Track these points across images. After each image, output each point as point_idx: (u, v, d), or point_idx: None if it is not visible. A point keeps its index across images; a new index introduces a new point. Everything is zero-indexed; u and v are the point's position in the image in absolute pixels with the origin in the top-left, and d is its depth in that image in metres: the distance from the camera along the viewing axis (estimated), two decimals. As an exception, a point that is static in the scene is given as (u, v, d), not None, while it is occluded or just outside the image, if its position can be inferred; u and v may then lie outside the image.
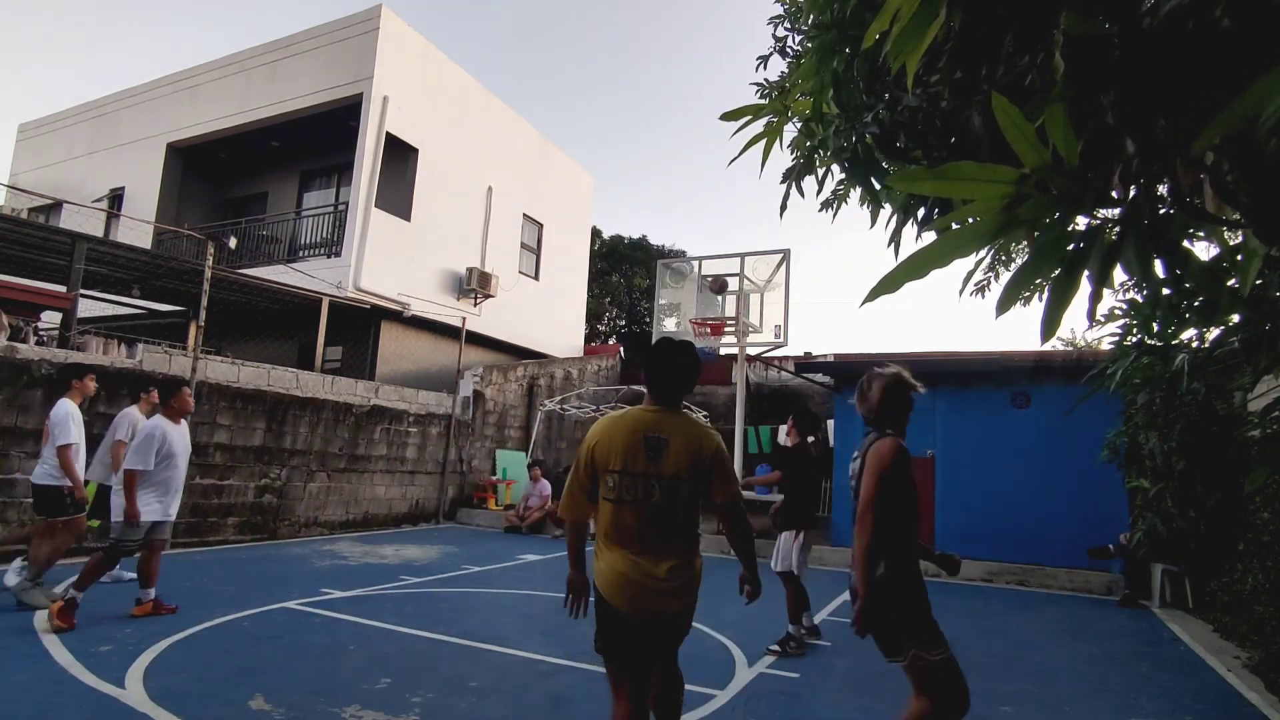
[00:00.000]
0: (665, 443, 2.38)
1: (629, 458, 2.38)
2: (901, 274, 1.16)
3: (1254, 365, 2.11)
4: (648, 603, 2.34)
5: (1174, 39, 1.25)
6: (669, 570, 2.34)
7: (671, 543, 2.39)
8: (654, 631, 2.39)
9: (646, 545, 2.36)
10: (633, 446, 2.39)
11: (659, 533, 2.38)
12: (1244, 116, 0.95)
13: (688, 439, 2.43)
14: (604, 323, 27.65)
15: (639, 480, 2.37)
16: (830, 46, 2.09)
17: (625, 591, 2.34)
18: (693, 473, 2.39)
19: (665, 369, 2.53)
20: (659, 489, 2.36)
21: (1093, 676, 4.84)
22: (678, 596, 2.39)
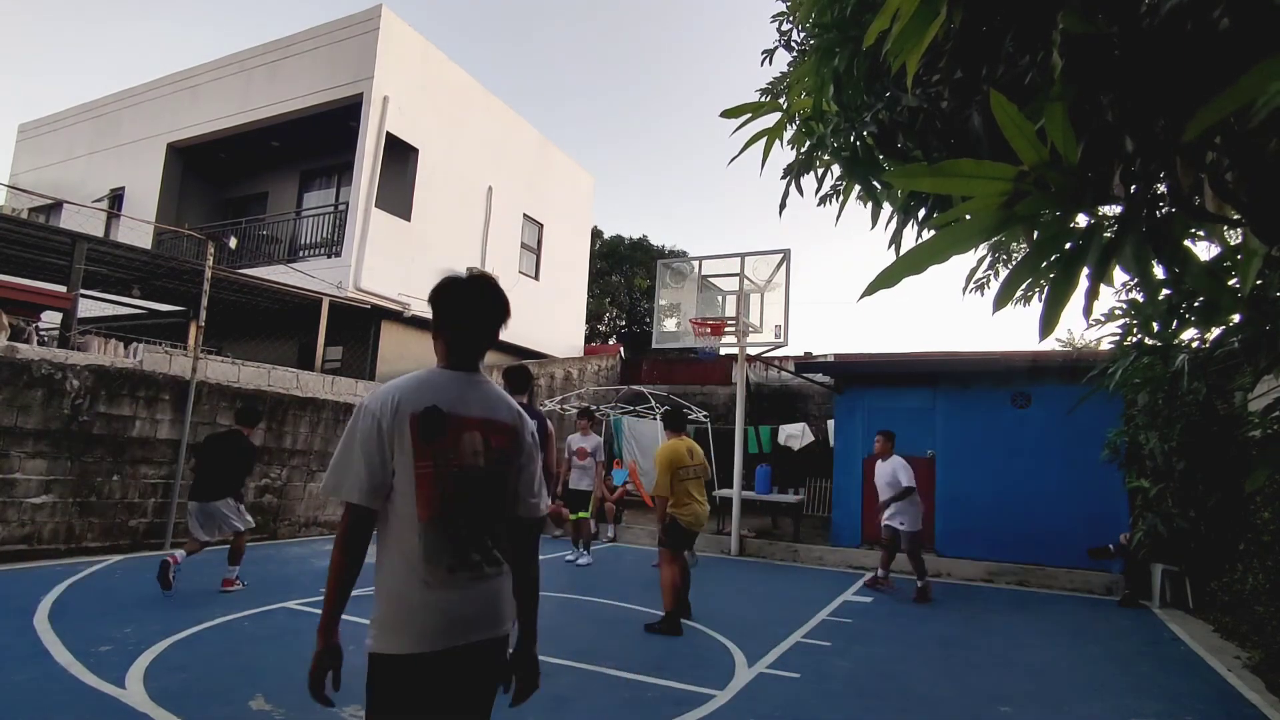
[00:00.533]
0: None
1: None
2: (900, 269, 1.16)
3: (1254, 365, 2.11)
4: None
5: (1173, 39, 1.25)
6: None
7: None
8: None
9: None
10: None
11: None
12: (1236, 104, 0.95)
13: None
14: (604, 323, 27.65)
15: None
16: (831, 46, 2.09)
17: None
18: None
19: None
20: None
21: (1093, 676, 4.83)
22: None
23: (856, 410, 10.21)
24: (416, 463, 1.68)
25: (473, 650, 1.72)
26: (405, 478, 1.68)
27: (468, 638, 1.70)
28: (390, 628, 1.68)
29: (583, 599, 6.50)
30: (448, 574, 1.68)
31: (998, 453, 9.19)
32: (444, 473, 1.70)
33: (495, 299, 1.92)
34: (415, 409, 1.70)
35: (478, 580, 1.74)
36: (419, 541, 1.67)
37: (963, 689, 4.39)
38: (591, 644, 4.94)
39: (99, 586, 5.89)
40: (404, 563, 1.68)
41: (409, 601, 1.67)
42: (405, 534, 1.68)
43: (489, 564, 1.77)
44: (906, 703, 4.09)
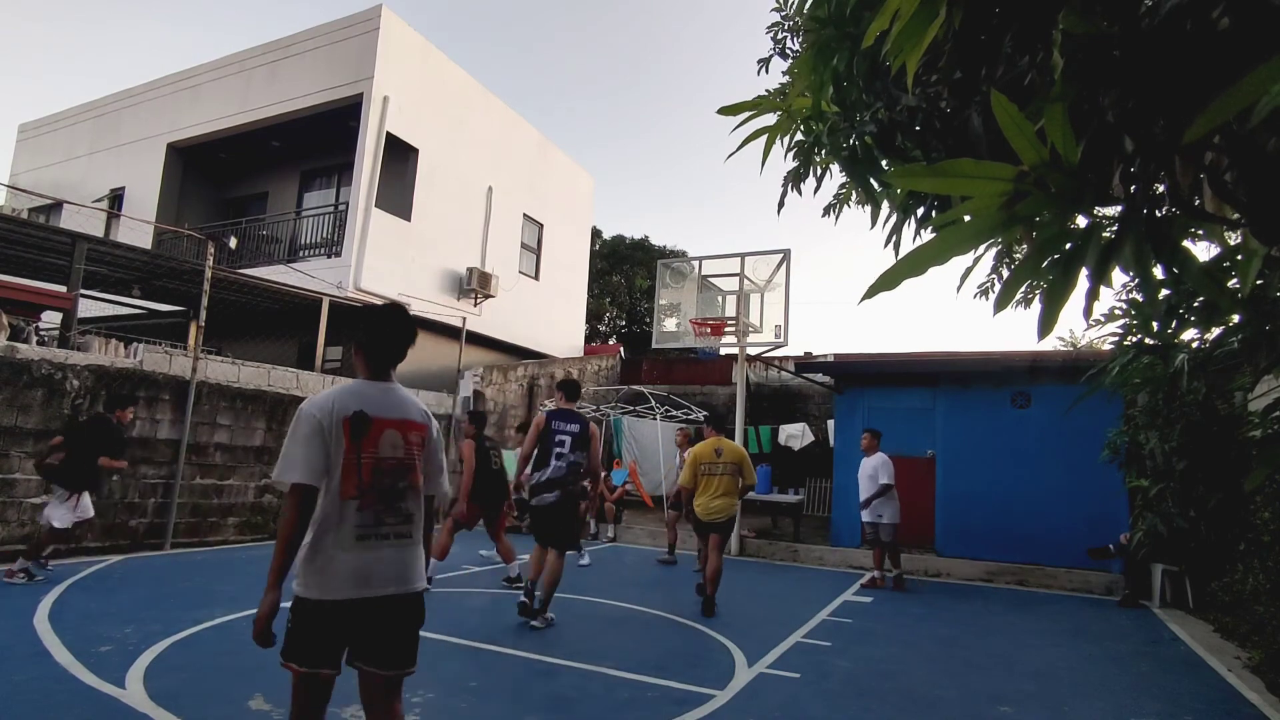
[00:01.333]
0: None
1: None
2: (900, 271, 1.16)
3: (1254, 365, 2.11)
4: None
5: (1173, 39, 1.25)
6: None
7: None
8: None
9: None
10: None
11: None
12: (1237, 106, 0.95)
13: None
14: (604, 323, 27.66)
15: None
16: (827, 43, 2.09)
17: None
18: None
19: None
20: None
21: (1093, 676, 4.83)
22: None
23: (856, 410, 10.20)
24: (346, 454, 2.18)
25: (379, 602, 2.18)
26: (337, 465, 2.17)
27: (373, 591, 2.17)
28: (314, 577, 2.15)
29: (583, 599, 6.51)
30: (357, 541, 2.17)
31: (998, 453, 9.19)
32: (366, 461, 2.20)
33: (405, 325, 2.39)
34: (347, 413, 2.20)
35: (387, 545, 2.22)
36: (340, 514, 2.16)
37: (963, 689, 4.39)
38: (591, 644, 4.94)
39: (99, 586, 5.89)
40: (328, 530, 2.15)
41: (330, 559, 2.14)
42: (332, 508, 2.16)
43: (397, 535, 2.25)
44: (906, 703, 4.09)
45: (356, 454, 2.18)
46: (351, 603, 2.14)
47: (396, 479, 2.25)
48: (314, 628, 2.15)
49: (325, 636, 2.16)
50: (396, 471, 2.25)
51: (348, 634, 2.19)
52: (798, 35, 2.99)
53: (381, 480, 2.22)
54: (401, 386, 2.41)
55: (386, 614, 2.20)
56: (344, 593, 2.13)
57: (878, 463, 7.90)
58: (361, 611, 2.16)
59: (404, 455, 2.27)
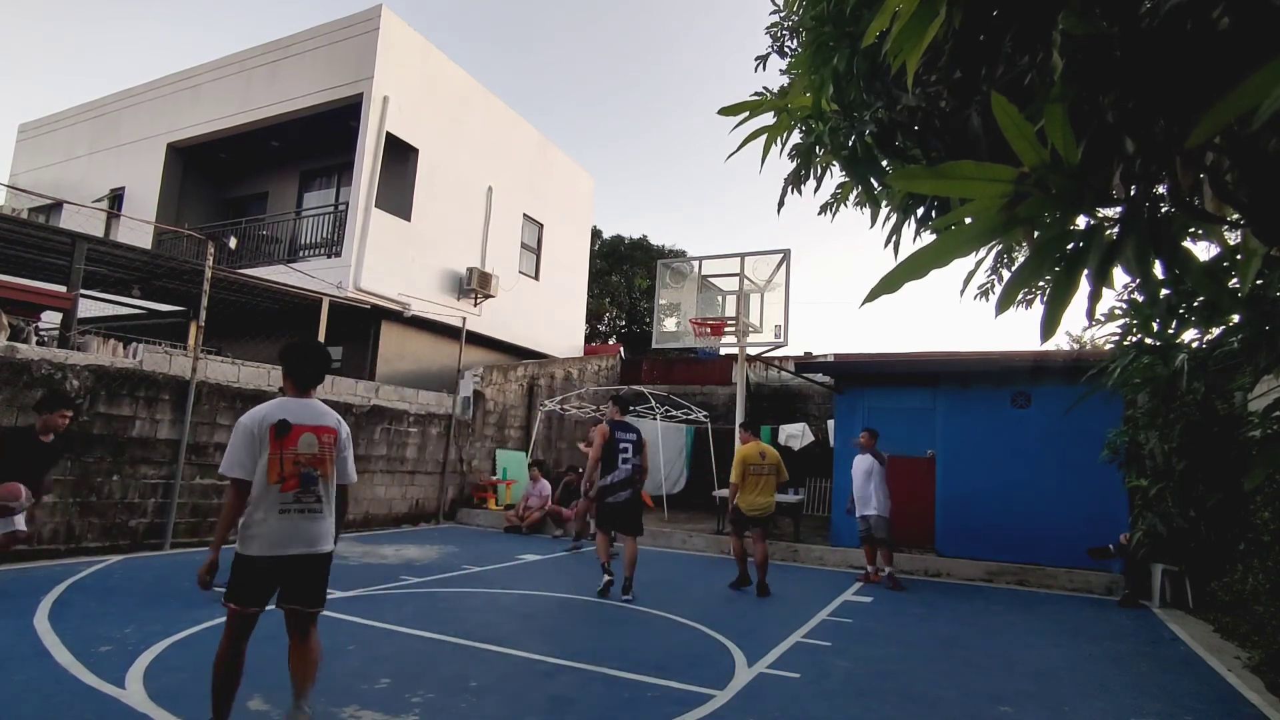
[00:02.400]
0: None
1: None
2: (901, 274, 1.16)
3: (1254, 365, 2.11)
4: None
5: (1173, 39, 1.25)
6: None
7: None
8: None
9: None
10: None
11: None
12: (1239, 110, 0.95)
13: None
14: (604, 323, 27.65)
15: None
16: (826, 41, 2.09)
17: None
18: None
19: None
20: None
21: (1093, 676, 4.83)
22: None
23: (856, 410, 10.20)
24: (270, 451, 2.98)
25: (295, 559, 3.01)
26: (264, 459, 2.97)
27: (290, 550, 3.00)
28: (248, 540, 2.98)
29: (583, 599, 6.51)
30: (280, 514, 2.97)
31: (998, 453, 9.19)
32: (286, 457, 3.00)
33: (320, 356, 3.26)
34: (272, 420, 3.01)
35: (302, 518, 3.02)
36: (266, 495, 2.96)
37: (963, 689, 4.39)
38: (591, 644, 4.94)
39: (99, 586, 5.89)
40: (259, 506, 2.96)
41: (260, 527, 2.96)
42: (261, 491, 2.96)
43: (311, 510, 3.04)
44: (906, 703, 4.09)
45: (280, 450, 2.98)
46: (272, 559, 2.97)
47: (311, 468, 3.05)
48: (249, 576, 2.99)
49: (257, 581, 2.99)
50: (310, 462, 3.05)
51: (275, 582, 3.03)
52: (797, 34, 2.99)
53: (298, 470, 3.01)
54: (317, 400, 3.22)
55: (296, 567, 3.03)
56: (268, 551, 2.96)
57: (872, 459, 8.05)
58: (279, 564, 2.99)
59: (320, 451, 3.08)
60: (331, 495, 3.14)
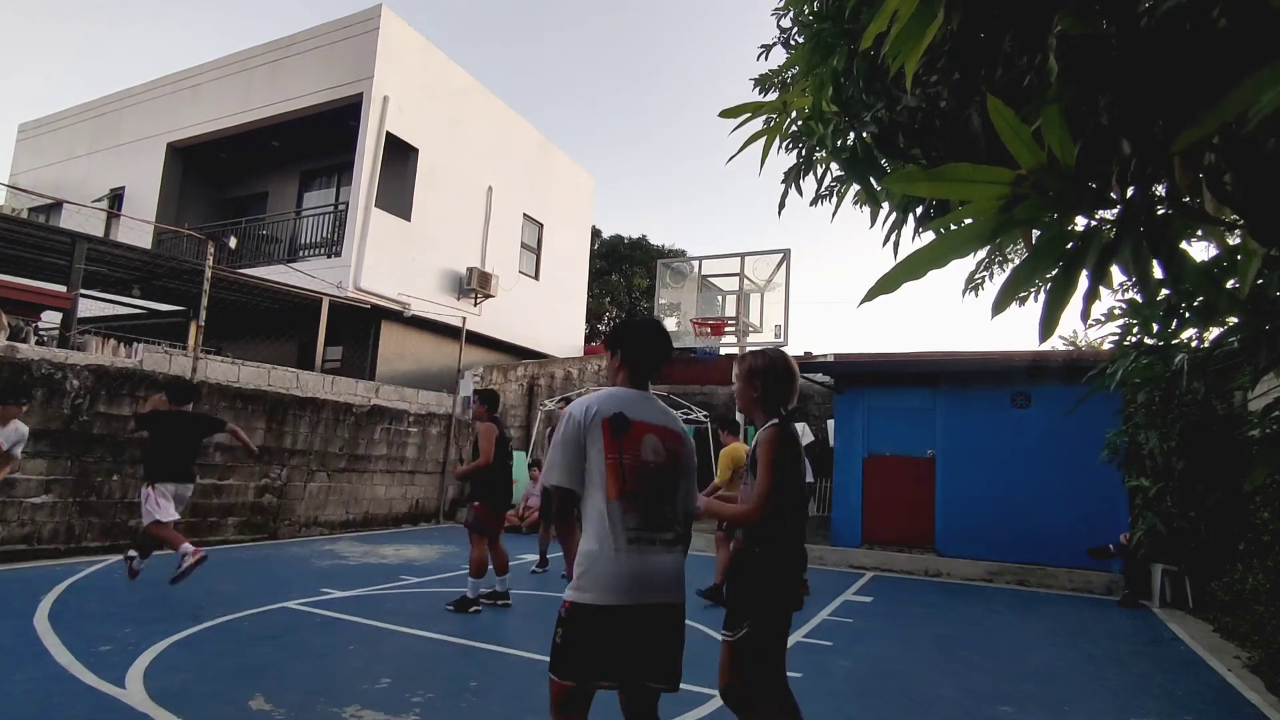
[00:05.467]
0: None
1: None
2: (899, 274, 1.16)
3: (1254, 365, 2.11)
4: None
5: (1172, 39, 1.25)
6: None
7: None
8: None
9: None
10: None
11: None
12: (1231, 114, 0.95)
13: None
14: (604, 323, 27.65)
15: None
16: (825, 38, 2.09)
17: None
18: None
19: None
20: None
21: (1093, 676, 4.84)
22: None
23: (856, 410, 10.20)
24: (607, 455, 2.17)
25: (647, 610, 2.16)
26: (599, 465, 2.17)
27: (641, 599, 2.15)
28: (585, 584, 2.15)
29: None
30: (629, 544, 2.15)
31: (998, 453, 9.19)
32: (627, 463, 2.18)
33: (666, 339, 2.45)
34: (606, 414, 2.19)
35: (654, 551, 2.20)
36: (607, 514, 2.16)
37: (963, 689, 4.39)
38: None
39: (99, 586, 5.89)
40: (595, 533, 2.17)
41: (599, 564, 2.14)
42: (596, 510, 2.17)
43: (664, 543, 2.24)
44: (906, 703, 4.09)
45: (618, 453, 2.17)
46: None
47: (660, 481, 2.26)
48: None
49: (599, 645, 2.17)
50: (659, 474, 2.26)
51: (622, 643, 2.19)
52: (799, 24, 2.98)
53: (645, 485, 2.21)
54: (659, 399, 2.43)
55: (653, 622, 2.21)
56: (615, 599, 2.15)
57: None
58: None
59: (664, 460, 2.27)
60: (686, 527, 2.33)
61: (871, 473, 9.90)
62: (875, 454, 9.94)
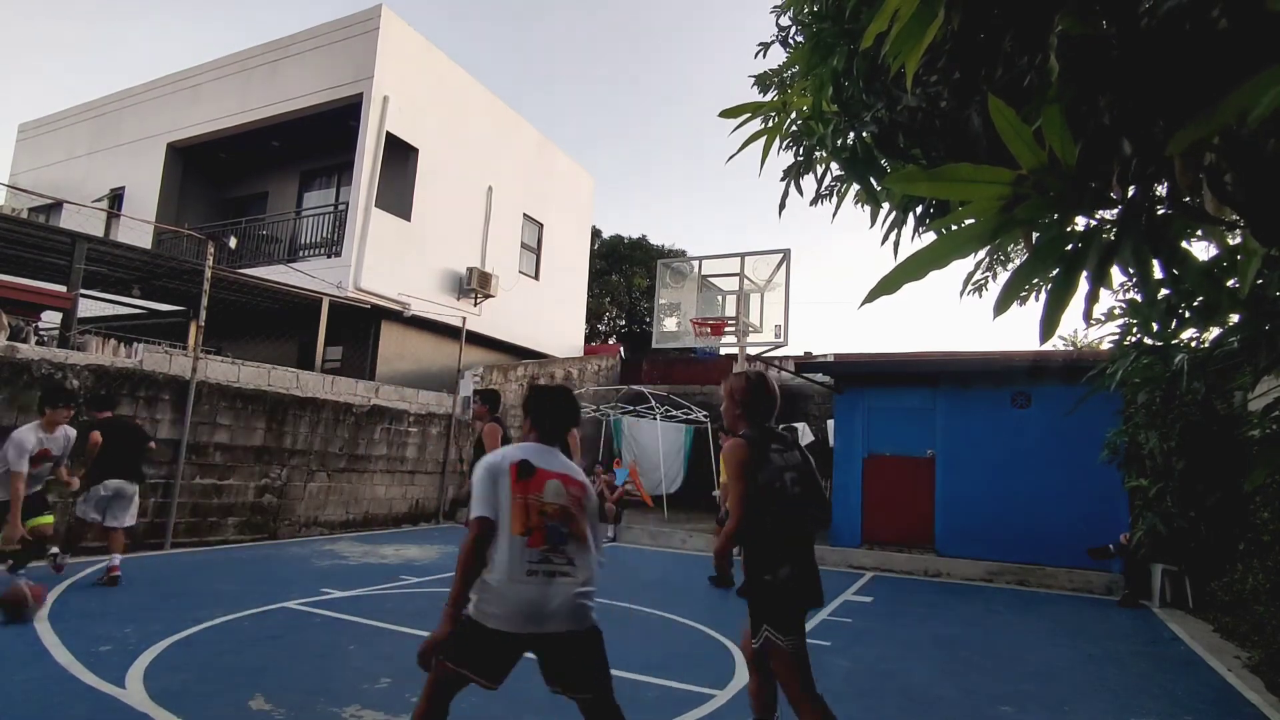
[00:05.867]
0: None
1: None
2: (900, 275, 1.16)
3: (1254, 365, 2.11)
4: None
5: (1172, 39, 1.25)
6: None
7: None
8: None
9: None
10: None
11: None
12: (1231, 115, 0.95)
13: None
14: (604, 323, 27.66)
15: None
16: (825, 38, 2.09)
17: None
18: None
19: None
20: None
21: (1093, 676, 4.84)
22: None
23: (856, 410, 10.20)
24: (514, 495, 2.41)
25: (545, 636, 2.43)
26: (505, 504, 2.40)
27: (536, 627, 2.40)
28: (483, 606, 2.38)
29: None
30: (528, 575, 2.36)
31: (998, 453, 9.19)
32: (531, 504, 2.42)
33: (573, 406, 2.73)
34: (514, 459, 2.47)
35: (550, 582, 2.40)
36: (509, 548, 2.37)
37: (963, 689, 4.39)
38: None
39: (99, 586, 5.89)
40: (496, 563, 2.37)
41: (495, 590, 2.36)
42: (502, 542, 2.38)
43: (561, 574, 2.44)
44: (906, 703, 4.09)
45: (524, 495, 2.41)
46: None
47: (560, 524, 2.47)
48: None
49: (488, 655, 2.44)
50: (557, 517, 2.47)
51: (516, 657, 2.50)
52: (799, 22, 2.97)
53: (544, 522, 2.44)
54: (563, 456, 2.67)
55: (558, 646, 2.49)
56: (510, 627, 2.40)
57: None
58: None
59: (566, 504, 2.49)
60: (587, 563, 2.50)
61: (871, 473, 9.90)
62: (875, 454, 9.95)
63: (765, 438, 2.91)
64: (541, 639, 2.35)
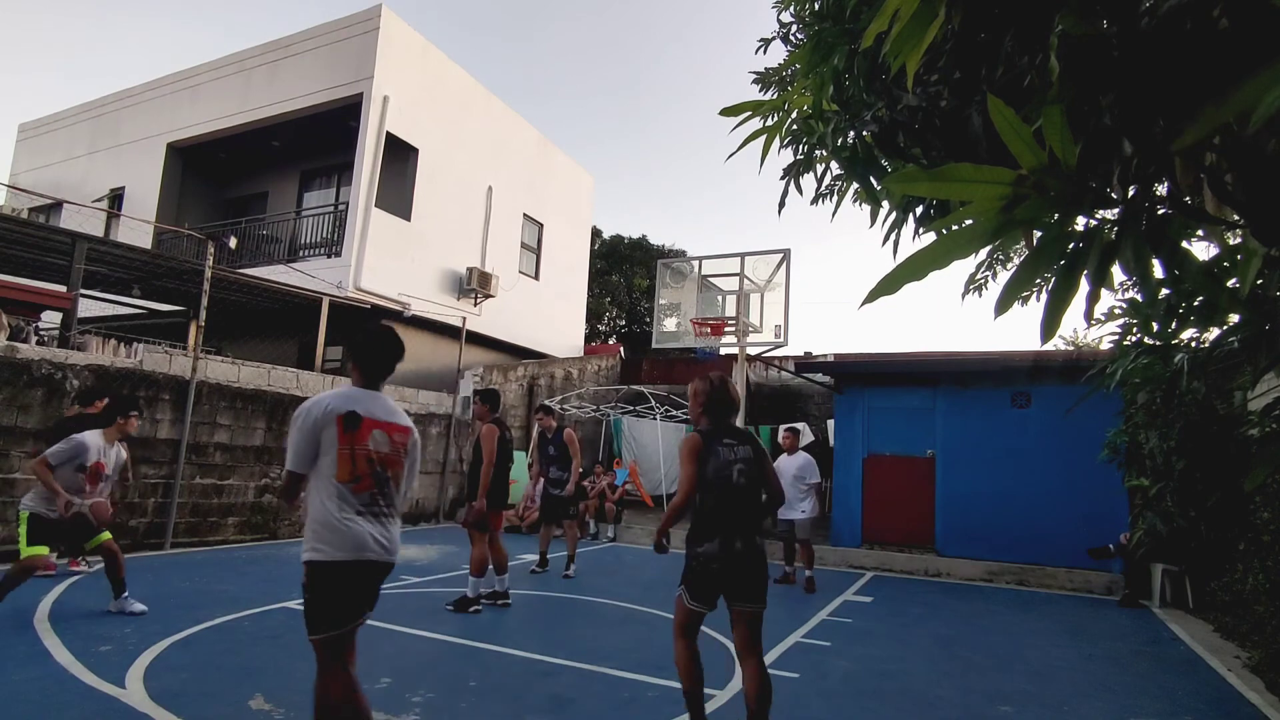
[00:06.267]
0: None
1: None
2: (900, 275, 1.16)
3: (1254, 365, 2.11)
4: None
5: (1172, 39, 1.25)
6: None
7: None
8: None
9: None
10: None
11: None
12: (1232, 115, 0.95)
13: None
14: (604, 323, 27.65)
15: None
16: (826, 37, 2.09)
17: None
18: None
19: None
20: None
21: (1093, 676, 4.83)
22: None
23: (856, 410, 10.20)
24: (340, 446, 2.61)
25: (374, 565, 2.68)
26: (332, 454, 2.62)
27: (369, 555, 2.66)
28: (321, 547, 2.61)
29: (583, 599, 6.51)
30: (358, 515, 2.63)
31: (998, 453, 9.19)
32: (359, 453, 2.65)
33: (395, 344, 2.85)
34: (340, 411, 2.63)
35: (377, 522, 2.66)
36: (339, 493, 2.62)
37: (963, 689, 4.39)
38: (591, 644, 4.94)
39: (99, 586, 5.88)
40: (331, 506, 2.61)
41: (334, 531, 2.60)
42: (329, 488, 2.62)
43: (385, 515, 2.72)
44: (906, 703, 4.09)
45: (350, 446, 2.62)
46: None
47: (383, 469, 2.72)
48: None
49: (344, 596, 2.65)
50: (383, 463, 2.73)
51: (359, 591, 2.68)
52: (800, 20, 2.97)
53: (371, 469, 2.68)
54: (389, 397, 2.86)
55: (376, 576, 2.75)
56: (351, 555, 2.64)
57: (802, 462, 7.89)
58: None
59: (389, 451, 2.72)
60: (398, 503, 2.77)
61: (871, 473, 9.90)
62: (875, 454, 9.95)
63: (719, 433, 3.28)
64: (365, 566, 2.60)
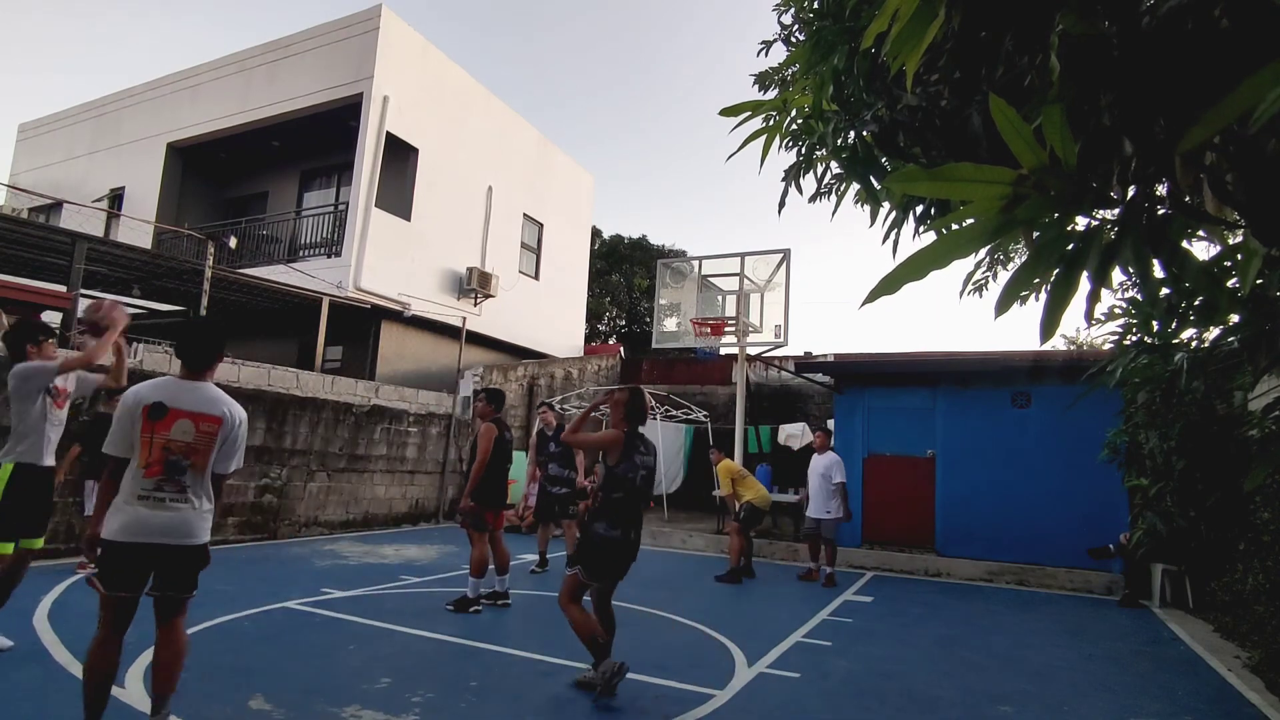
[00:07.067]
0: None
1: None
2: (900, 275, 1.16)
3: (1254, 365, 2.11)
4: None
5: (1173, 39, 1.25)
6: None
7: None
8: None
9: None
10: None
11: None
12: (1236, 112, 0.95)
13: None
14: (604, 323, 27.65)
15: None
16: (826, 37, 2.09)
17: None
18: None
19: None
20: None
21: (1093, 676, 4.84)
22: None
23: (856, 410, 10.20)
24: (141, 433, 2.85)
25: (157, 548, 2.97)
26: (136, 440, 2.87)
27: (150, 539, 2.95)
28: (109, 522, 2.92)
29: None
30: (139, 499, 2.89)
31: (998, 453, 9.19)
32: (157, 441, 2.88)
33: (210, 335, 3.25)
34: (147, 401, 2.87)
35: (161, 507, 2.91)
36: (131, 478, 2.86)
37: (963, 689, 4.40)
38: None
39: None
40: (124, 489, 2.89)
41: (120, 511, 2.91)
42: (128, 473, 2.88)
43: (172, 501, 2.96)
44: (906, 703, 4.09)
45: (150, 433, 2.85)
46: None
47: (181, 457, 2.95)
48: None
49: (121, 569, 2.99)
50: (181, 452, 2.94)
51: (141, 569, 3.00)
52: (801, 20, 2.97)
53: (165, 456, 2.90)
54: (213, 386, 3.14)
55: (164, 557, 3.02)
56: (130, 537, 2.92)
57: (832, 461, 8.06)
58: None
59: (191, 441, 2.94)
60: (203, 488, 3.03)
61: (871, 473, 9.90)
62: (875, 454, 9.95)
63: (636, 439, 3.94)
64: (149, 549, 2.86)
